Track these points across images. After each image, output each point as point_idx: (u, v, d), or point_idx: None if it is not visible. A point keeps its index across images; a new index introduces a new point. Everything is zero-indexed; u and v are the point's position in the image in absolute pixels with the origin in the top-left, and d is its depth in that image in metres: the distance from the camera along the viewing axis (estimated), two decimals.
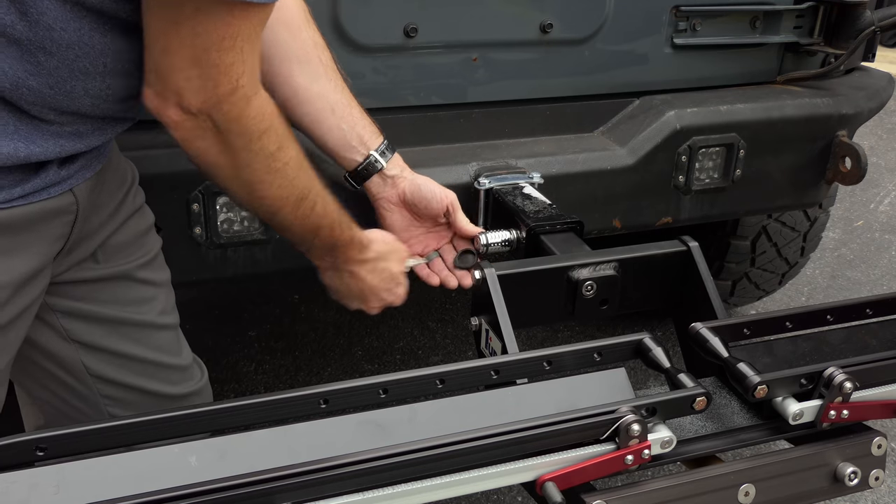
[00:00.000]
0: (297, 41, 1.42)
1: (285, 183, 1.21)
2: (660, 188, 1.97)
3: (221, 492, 0.86)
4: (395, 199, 1.55)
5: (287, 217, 1.27)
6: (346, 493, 0.91)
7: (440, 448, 0.94)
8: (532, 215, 1.59)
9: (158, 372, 1.39)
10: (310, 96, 1.44)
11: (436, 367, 1.07)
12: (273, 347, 2.99)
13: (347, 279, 1.47)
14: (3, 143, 1.02)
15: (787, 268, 2.82)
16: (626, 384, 1.10)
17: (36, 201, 1.09)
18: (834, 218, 3.96)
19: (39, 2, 0.96)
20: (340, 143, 1.49)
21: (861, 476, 1.12)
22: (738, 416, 1.20)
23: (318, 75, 1.44)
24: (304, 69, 1.43)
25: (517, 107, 1.95)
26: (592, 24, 1.90)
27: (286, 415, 1.01)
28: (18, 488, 0.87)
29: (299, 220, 1.29)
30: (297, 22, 1.41)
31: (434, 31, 1.77)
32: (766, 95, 2.05)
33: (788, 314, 1.27)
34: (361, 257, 1.43)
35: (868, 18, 2.03)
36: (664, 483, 1.03)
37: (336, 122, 1.47)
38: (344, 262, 1.42)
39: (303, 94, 1.44)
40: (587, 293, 1.39)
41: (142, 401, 1.38)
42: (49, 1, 0.97)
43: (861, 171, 2.05)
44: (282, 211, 1.25)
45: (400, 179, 1.54)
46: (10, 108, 1.02)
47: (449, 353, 3.00)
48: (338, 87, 1.47)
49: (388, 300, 1.53)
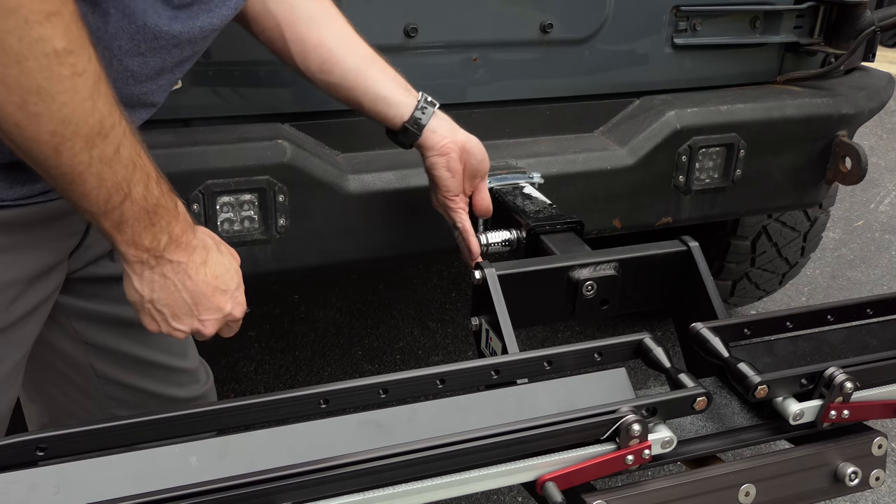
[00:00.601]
0: (318, 3, 1.38)
1: (74, 102, 0.89)
2: (660, 188, 1.97)
3: (221, 492, 0.86)
4: (457, 144, 1.46)
5: (77, 159, 0.92)
6: (346, 493, 0.91)
7: (440, 448, 0.94)
8: (532, 215, 1.59)
9: (165, 375, 1.38)
10: (346, 52, 1.38)
11: (436, 367, 1.07)
12: (273, 347, 2.99)
13: (171, 276, 1.08)
14: None
15: (787, 268, 2.82)
16: (626, 384, 1.10)
17: (55, 198, 1.07)
18: (834, 218, 3.96)
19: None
20: (391, 89, 1.42)
21: (861, 476, 1.11)
22: (739, 416, 1.20)
23: (348, 32, 1.41)
24: (332, 28, 1.39)
25: (517, 107, 1.95)
26: (592, 24, 1.90)
27: (286, 415, 1.01)
28: (18, 488, 0.87)
29: (97, 168, 0.94)
30: None
31: (434, 31, 1.77)
32: (767, 95, 2.05)
33: (789, 314, 1.26)
34: (190, 240, 1.09)
35: (868, 18, 2.03)
36: (664, 483, 1.03)
37: (379, 69, 1.42)
38: (167, 248, 1.06)
39: (339, 52, 1.38)
40: (587, 293, 1.39)
41: (147, 403, 1.37)
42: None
43: (861, 171, 2.05)
44: (69, 147, 0.91)
45: (454, 124, 1.48)
46: None
47: (449, 353, 3.00)
48: (364, 42, 1.43)
49: (227, 310, 1.14)
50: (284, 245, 1.66)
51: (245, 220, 1.61)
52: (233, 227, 1.61)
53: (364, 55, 1.41)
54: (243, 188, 1.58)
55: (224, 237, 1.59)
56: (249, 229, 1.62)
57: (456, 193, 1.50)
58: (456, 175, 1.48)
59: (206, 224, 1.57)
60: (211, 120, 1.67)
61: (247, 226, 1.62)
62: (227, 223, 1.60)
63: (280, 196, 1.61)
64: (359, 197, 1.70)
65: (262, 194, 1.60)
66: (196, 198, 1.55)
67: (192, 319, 1.12)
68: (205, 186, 1.55)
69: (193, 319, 1.12)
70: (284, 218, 1.63)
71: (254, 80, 1.67)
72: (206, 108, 1.66)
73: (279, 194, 1.61)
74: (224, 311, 1.14)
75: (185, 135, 1.62)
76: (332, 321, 3.16)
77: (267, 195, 1.60)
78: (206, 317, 1.12)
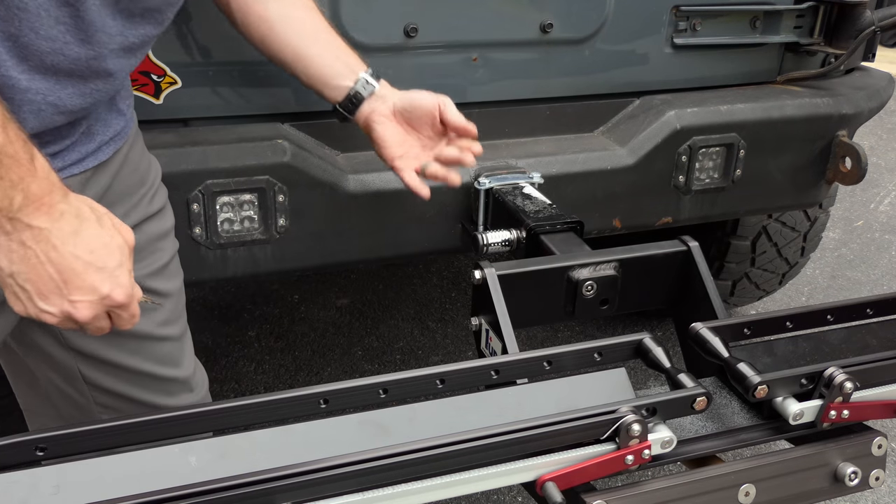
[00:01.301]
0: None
1: None
2: (660, 188, 1.97)
3: (221, 492, 0.86)
4: (387, 112, 1.49)
5: None
6: (346, 493, 0.91)
7: (440, 448, 0.94)
8: (532, 215, 1.59)
9: (155, 384, 1.36)
10: (288, 27, 1.40)
11: (436, 367, 1.07)
12: (273, 347, 2.99)
13: (32, 245, 0.95)
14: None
15: (787, 268, 2.82)
16: (626, 384, 1.10)
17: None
18: (834, 218, 3.96)
19: None
20: (328, 69, 1.45)
21: (861, 476, 1.11)
22: (739, 416, 1.20)
23: (294, 5, 1.41)
24: (277, 2, 1.40)
25: (517, 107, 1.95)
26: (592, 24, 1.90)
27: (286, 415, 1.01)
28: (18, 488, 0.87)
29: None
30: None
31: (434, 31, 1.77)
32: (766, 95, 2.05)
33: (788, 314, 1.26)
34: (55, 203, 0.96)
35: (868, 18, 2.03)
36: (664, 483, 1.03)
37: (320, 49, 1.44)
38: (23, 209, 0.93)
39: (280, 26, 1.39)
40: (587, 293, 1.39)
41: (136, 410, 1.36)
42: None
43: (861, 171, 2.05)
44: None
45: (391, 95, 1.50)
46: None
47: (449, 353, 3.00)
48: (316, 17, 1.43)
49: (103, 291, 1.00)
50: (284, 245, 1.66)
51: (245, 220, 1.61)
52: (233, 227, 1.61)
53: (306, 35, 1.42)
54: (243, 188, 1.58)
55: (224, 237, 1.60)
56: (249, 229, 1.62)
57: (398, 155, 1.50)
58: (391, 141, 1.49)
59: (206, 224, 1.58)
60: (211, 120, 1.68)
61: (247, 226, 1.62)
62: (227, 223, 1.60)
63: (280, 196, 1.61)
64: (359, 197, 1.70)
65: (261, 194, 1.60)
66: (196, 198, 1.55)
67: (62, 300, 0.98)
68: (205, 186, 1.55)
69: (63, 300, 0.98)
70: (284, 218, 1.63)
71: (254, 80, 1.67)
72: (206, 108, 1.66)
73: (279, 194, 1.61)
74: (100, 293, 1.00)
75: (185, 135, 1.62)
76: (332, 321, 3.16)
77: (267, 195, 1.60)
78: (78, 297, 0.98)
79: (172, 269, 1.36)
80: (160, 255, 1.32)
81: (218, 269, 1.63)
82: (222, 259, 1.63)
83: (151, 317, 1.31)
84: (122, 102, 1.23)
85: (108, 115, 1.20)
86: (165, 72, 1.59)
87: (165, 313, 1.35)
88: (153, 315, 1.32)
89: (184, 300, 1.41)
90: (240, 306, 3.20)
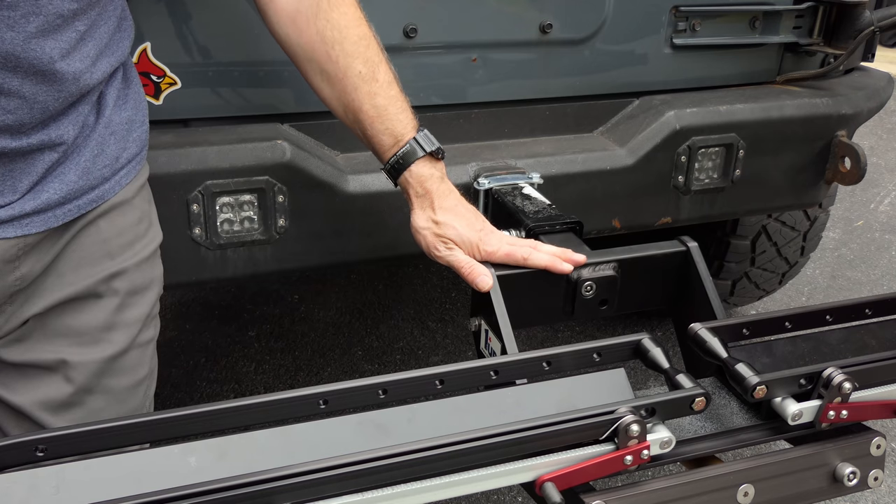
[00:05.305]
0: (304, 37, 1.30)
1: None
2: (659, 188, 1.97)
3: (221, 492, 0.86)
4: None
5: None
6: (346, 493, 0.91)
7: (440, 448, 0.94)
8: (532, 215, 1.59)
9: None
10: (372, 119, 1.36)
11: (436, 367, 1.07)
12: (273, 347, 2.99)
13: None
14: None
15: (787, 267, 2.82)
16: (625, 384, 1.10)
17: None
18: (834, 218, 3.96)
19: None
20: (372, 149, 1.41)
21: (860, 476, 1.11)
22: (738, 417, 1.20)
23: (326, 75, 1.35)
24: (309, 68, 1.36)
25: (517, 107, 1.95)
26: (592, 24, 1.91)
27: (286, 415, 1.01)
28: (18, 488, 0.87)
29: None
30: (307, 13, 1.27)
31: (434, 32, 1.78)
32: (766, 95, 2.05)
33: (788, 314, 1.26)
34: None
35: (867, 18, 2.03)
36: (663, 483, 1.03)
37: (361, 130, 1.40)
38: None
39: (369, 115, 1.35)
40: (587, 293, 1.40)
41: None
42: None
43: (861, 171, 2.05)
44: None
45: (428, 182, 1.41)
46: None
47: (449, 353, 3.00)
48: (352, 85, 1.33)
49: None
50: (284, 245, 1.67)
51: (245, 220, 1.61)
52: (232, 227, 1.61)
53: (341, 115, 1.39)
54: (243, 188, 1.58)
55: (224, 237, 1.60)
56: (249, 229, 1.62)
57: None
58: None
59: (206, 224, 1.58)
60: (211, 120, 1.68)
61: (246, 226, 1.62)
62: (227, 223, 1.60)
63: (280, 196, 1.61)
64: (358, 197, 1.70)
65: (261, 194, 1.60)
66: (196, 198, 1.55)
67: None
68: (204, 187, 1.55)
69: None
70: (284, 218, 1.64)
71: (254, 81, 1.67)
72: (205, 108, 1.66)
73: (279, 194, 1.61)
74: None
75: (185, 135, 1.62)
76: (332, 321, 3.16)
77: (266, 195, 1.60)
78: None
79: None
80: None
81: (218, 270, 1.64)
82: (222, 259, 1.63)
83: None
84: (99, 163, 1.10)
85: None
86: (165, 72, 1.59)
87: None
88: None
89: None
90: (240, 306, 3.20)
